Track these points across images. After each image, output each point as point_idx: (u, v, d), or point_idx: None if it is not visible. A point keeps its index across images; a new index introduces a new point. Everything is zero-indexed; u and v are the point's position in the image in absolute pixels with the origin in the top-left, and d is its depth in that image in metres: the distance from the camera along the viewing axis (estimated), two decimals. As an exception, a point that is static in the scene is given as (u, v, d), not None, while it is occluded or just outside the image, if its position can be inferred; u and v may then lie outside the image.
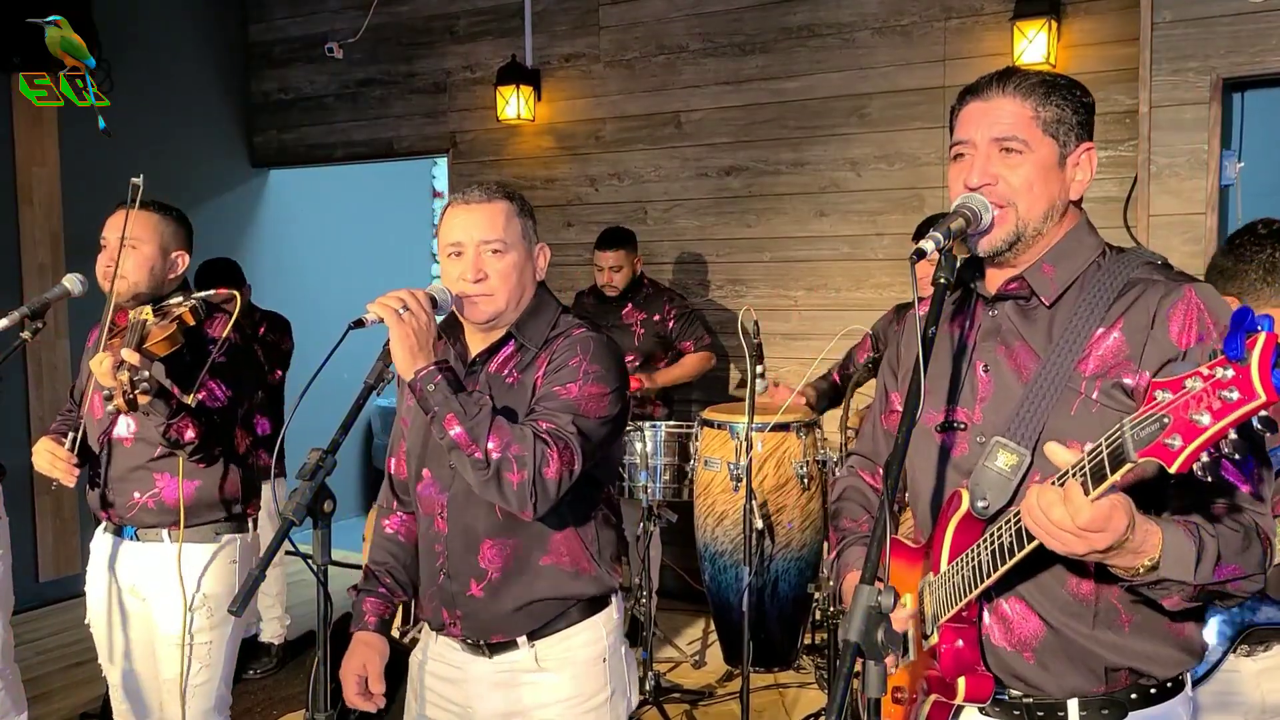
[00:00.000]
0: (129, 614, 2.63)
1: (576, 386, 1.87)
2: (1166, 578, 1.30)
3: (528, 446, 1.76)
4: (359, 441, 7.37)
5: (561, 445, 1.80)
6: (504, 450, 1.75)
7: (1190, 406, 1.10)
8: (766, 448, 3.98)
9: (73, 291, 2.58)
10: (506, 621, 1.94)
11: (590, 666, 1.97)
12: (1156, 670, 1.48)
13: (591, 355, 1.90)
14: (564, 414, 1.84)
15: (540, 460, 1.76)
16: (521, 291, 1.94)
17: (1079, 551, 1.26)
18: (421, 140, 5.90)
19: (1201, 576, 1.30)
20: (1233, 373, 1.07)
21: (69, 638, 4.70)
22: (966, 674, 1.46)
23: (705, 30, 5.02)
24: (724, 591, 4.16)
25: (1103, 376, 1.42)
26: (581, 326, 1.97)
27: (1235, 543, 1.33)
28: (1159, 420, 1.12)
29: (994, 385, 1.53)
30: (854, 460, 1.88)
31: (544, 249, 2.01)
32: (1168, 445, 1.11)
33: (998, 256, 1.51)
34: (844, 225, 4.78)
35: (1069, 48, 4.23)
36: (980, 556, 1.40)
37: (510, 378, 1.94)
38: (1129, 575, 1.32)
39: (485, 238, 1.90)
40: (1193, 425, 1.09)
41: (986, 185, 1.48)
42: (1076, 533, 1.23)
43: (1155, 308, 1.41)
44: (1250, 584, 1.36)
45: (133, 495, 2.55)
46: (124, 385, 2.20)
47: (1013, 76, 1.51)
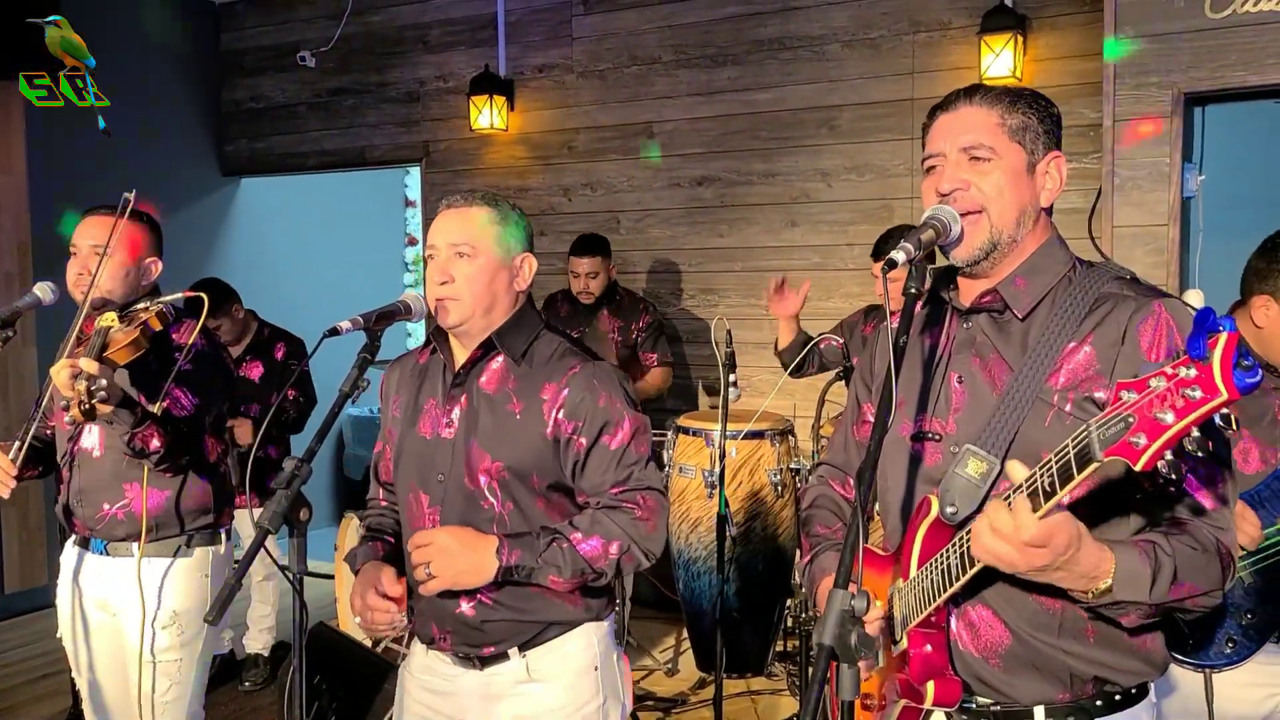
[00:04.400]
0: (99, 628, 2.58)
1: (621, 433, 1.91)
2: (1121, 599, 1.32)
3: (618, 533, 1.87)
4: (331, 451, 7.32)
5: (640, 499, 1.90)
6: (609, 555, 1.87)
7: (1154, 405, 1.12)
8: (741, 455, 4.01)
9: (44, 300, 2.52)
10: (497, 637, 1.92)
11: (582, 675, 1.94)
12: (1120, 679, 1.50)
13: (611, 389, 1.92)
14: (624, 468, 1.91)
15: (633, 531, 1.88)
16: (492, 299, 1.91)
17: (1021, 569, 1.28)
18: (394, 149, 5.89)
19: (1157, 596, 1.32)
20: (1195, 371, 1.09)
21: (35, 650, 4.63)
22: (935, 678, 1.47)
23: (677, 42, 5.05)
24: (697, 598, 4.17)
25: (1074, 389, 1.44)
26: (574, 355, 1.95)
27: (1194, 561, 1.35)
28: (1124, 420, 1.14)
29: (968, 396, 1.54)
30: (823, 470, 1.88)
31: (528, 259, 1.97)
32: (1132, 444, 1.13)
33: (975, 266, 1.53)
34: (815, 235, 4.82)
35: (1035, 62, 4.30)
36: (949, 561, 1.42)
37: (511, 404, 1.92)
38: (1084, 598, 1.34)
39: (453, 241, 1.89)
40: (1157, 423, 1.11)
41: (958, 191, 1.50)
42: (1020, 547, 1.25)
43: (1126, 323, 1.43)
44: (1208, 600, 1.38)
45: (102, 507, 2.50)
46: (81, 395, 2.13)
47: (979, 89, 1.56)
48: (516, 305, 1.98)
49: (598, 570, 1.86)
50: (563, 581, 1.85)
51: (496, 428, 1.90)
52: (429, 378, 2.02)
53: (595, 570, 1.86)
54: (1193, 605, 1.37)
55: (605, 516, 1.88)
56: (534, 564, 1.83)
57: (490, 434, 1.90)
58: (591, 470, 1.90)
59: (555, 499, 1.93)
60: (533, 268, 1.98)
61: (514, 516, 1.90)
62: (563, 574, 1.84)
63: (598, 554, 1.85)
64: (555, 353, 1.95)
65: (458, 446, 1.92)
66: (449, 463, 1.93)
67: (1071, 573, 1.30)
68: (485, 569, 1.81)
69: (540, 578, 1.84)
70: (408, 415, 2.02)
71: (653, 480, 1.93)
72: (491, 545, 1.82)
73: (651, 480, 1.92)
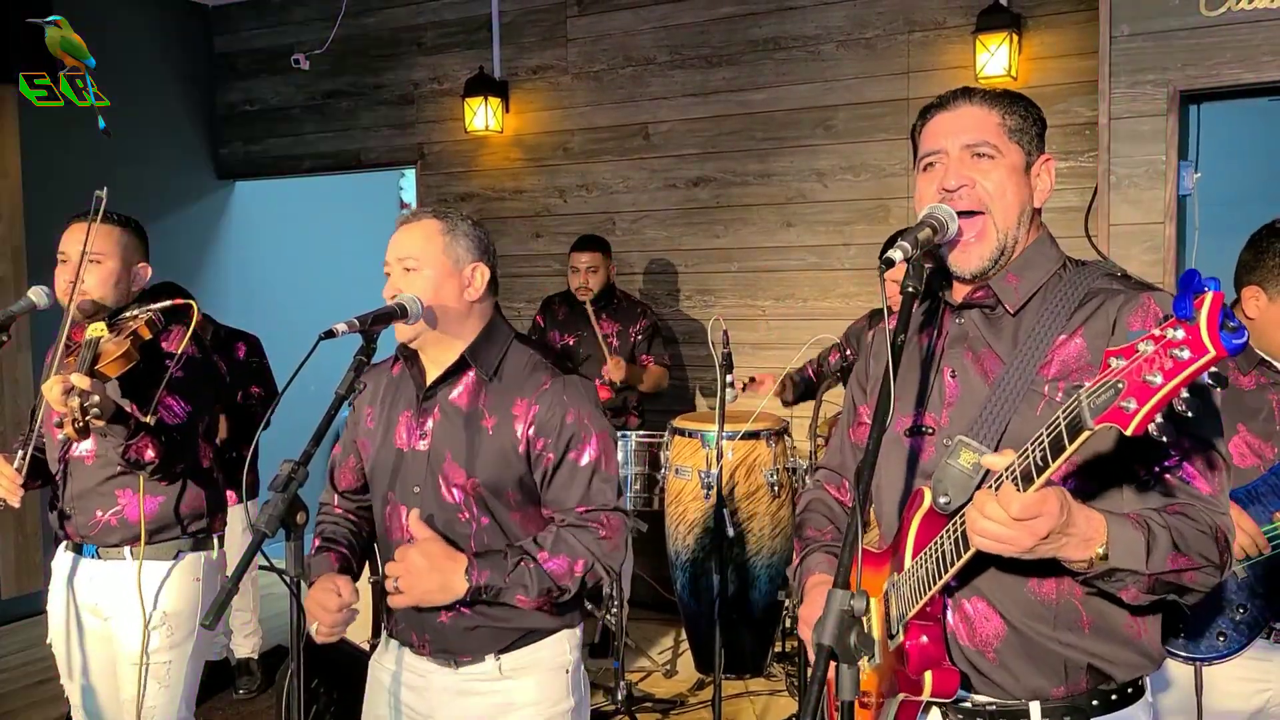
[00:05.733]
0: (90, 633, 2.57)
1: (590, 450, 1.92)
2: (1117, 567, 1.32)
3: (583, 552, 1.89)
4: (328, 455, 7.30)
5: (603, 519, 1.92)
6: (574, 573, 1.89)
7: (1143, 369, 1.12)
8: (737, 456, 4.00)
9: (39, 304, 2.50)
10: (476, 645, 1.94)
11: (555, 674, 1.98)
12: (1116, 672, 1.49)
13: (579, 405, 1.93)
14: (589, 487, 1.92)
15: (597, 550, 1.90)
16: (441, 311, 1.91)
17: (1025, 546, 1.28)
18: (389, 152, 5.88)
19: (1154, 565, 1.32)
20: (1183, 333, 1.09)
21: (31, 655, 4.62)
22: (933, 669, 1.46)
23: (672, 43, 5.05)
24: (695, 599, 4.17)
25: (1064, 379, 1.45)
26: (545, 370, 1.95)
27: (1189, 533, 1.36)
28: (1114, 386, 1.14)
29: (961, 390, 1.56)
30: (820, 474, 1.90)
31: (479, 268, 1.94)
32: (1123, 408, 1.13)
33: (984, 277, 1.54)
34: (811, 236, 4.82)
35: (1030, 60, 4.30)
36: (943, 547, 1.42)
37: (484, 420, 1.92)
38: (1083, 568, 1.34)
39: (400, 255, 1.92)
40: (1146, 386, 1.11)
41: (964, 188, 1.51)
42: (1013, 525, 1.26)
43: (1115, 315, 1.45)
44: (1205, 576, 1.37)
45: (95, 513, 2.49)
46: (74, 412, 2.11)
47: (975, 90, 1.58)
48: (479, 316, 1.97)
49: (562, 588, 1.89)
50: (529, 600, 1.88)
51: (469, 444, 1.91)
52: (402, 390, 2.04)
53: (560, 588, 1.89)
54: (1191, 581, 1.37)
55: (570, 535, 1.91)
56: (502, 584, 1.85)
57: (463, 450, 1.92)
58: (558, 486, 1.92)
59: (531, 511, 1.96)
60: (485, 277, 1.96)
61: (490, 530, 1.93)
62: (529, 593, 1.87)
63: (563, 572, 1.88)
64: (526, 366, 1.96)
65: (433, 460, 1.94)
66: (423, 475, 1.95)
67: (1073, 538, 1.30)
68: (453, 588, 1.84)
69: (508, 597, 1.87)
70: (382, 427, 2.04)
71: (615, 500, 1.96)
72: (461, 565, 1.85)
73: (614, 500, 1.96)
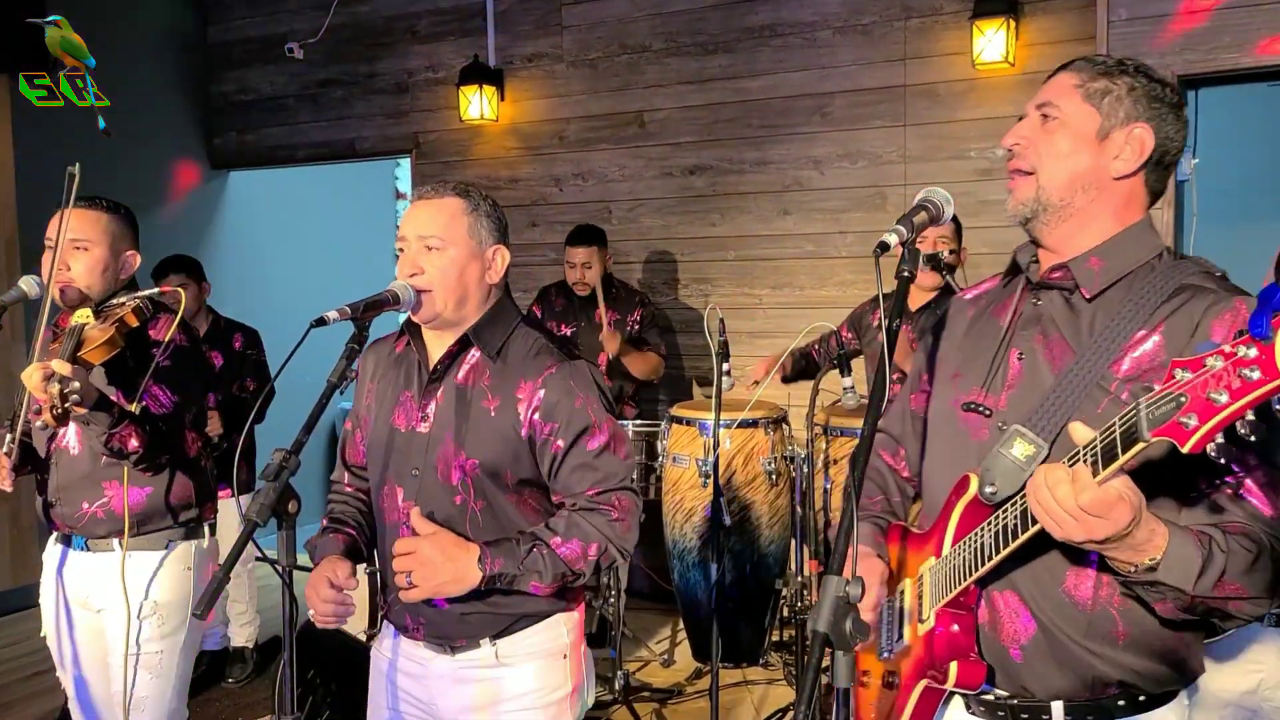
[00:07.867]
0: (81, 626, 2.56)
1: (599, 435, 1.89)
2: (1162, 581, 1.26)
3: (596, 535, 1.87)
4: (323, 444, 7.30)
5: (615, 499, 1.89)
6: (588, 556, 1.86)
7: (1209, 385, 1.05)
8: (734, 444, 4.00)
9: (30, 294, 2.47)
10: (471, 631, 1.93)
11: (552, 660, 1.96)
12: (1147, 686, 1.44)
13: (587, 390, 1.90)
14: (600, 470, 1.90)
15: (610, 532, 1.88)
16: (463, 291, 1.88)
17: (1077, 538, 1.23)
18: (384, 141, 5.86)
19: (1201, 589, 1.26)
20: (1256, 351, 1.02)
21: (28, 647, 4.60)
22: (959, 659, 1.44)
23: (668, 30, 5.02)
24: (692, 588, 4.16)
25: (1135, 379, 1.37)
26: (551, 354, 1.92)
27: (1245, 562, 1.29)
28: (1175, 399, 1.08)
29: (1025, 374, 1.50)
30: (879, 438, 1.82)
31: (500, 251, 1.93)
32: (1182, 424, 1.07)
33: (1027, 225, 1.52)
34: (807, 223, 4.81)
35: (1027, 46, 4.28)
36: (983, 539, 1.39)
37: (486, 400, 1.90)
38: (1126, 570, 1.29)
39: (423, 233, 1.87)
40: (1210, 404, 1.05)
41: (1016, 146, 1.51)
42: (1077, 514, 1.21)
43: (1200, 316, 1.36)
44: (1252, 607, 1.31)
45: (81, 505, 2.46)
46: (54, 398, 2.07)
47: (1091, 58, 1.53)
48: (491, 298, 1.95)
49: (577, 572, 1.87)
50: (544, 586, 1.85)
51: (471, 424, 1.89)
52: (405, 368, 2.01)
53: (574, 572, 1.87)
54: (1235, 610, 1.30)
55: (582, 519, 1.88)
56: (516, 571, 1.83)
57: (465, 430, 1.89)
58: (568, 471, 1.90)
59: (526, 494, 1.93)
60: (505, 260, 1.95)
61: (485, 513, 1.91)
62: (544, 579, 1.84)
63: (577, 555, 1.86)
64: (531, 349, 1.93)
65: (433, 441, 1.92)
66: (423, 457, 1.92)
67: (1125, 546, 1.25)
68: (468, 579, 1.81)
69: (522, 584, 1.84)
70: (383, 405, 2.01)
71: (627, 481, 1.94)
72: (473, 555, 1.82)
73: (626, 481, 1.93)
